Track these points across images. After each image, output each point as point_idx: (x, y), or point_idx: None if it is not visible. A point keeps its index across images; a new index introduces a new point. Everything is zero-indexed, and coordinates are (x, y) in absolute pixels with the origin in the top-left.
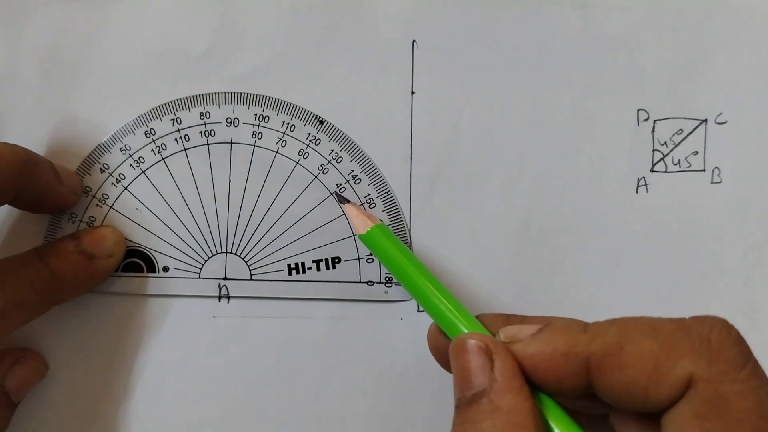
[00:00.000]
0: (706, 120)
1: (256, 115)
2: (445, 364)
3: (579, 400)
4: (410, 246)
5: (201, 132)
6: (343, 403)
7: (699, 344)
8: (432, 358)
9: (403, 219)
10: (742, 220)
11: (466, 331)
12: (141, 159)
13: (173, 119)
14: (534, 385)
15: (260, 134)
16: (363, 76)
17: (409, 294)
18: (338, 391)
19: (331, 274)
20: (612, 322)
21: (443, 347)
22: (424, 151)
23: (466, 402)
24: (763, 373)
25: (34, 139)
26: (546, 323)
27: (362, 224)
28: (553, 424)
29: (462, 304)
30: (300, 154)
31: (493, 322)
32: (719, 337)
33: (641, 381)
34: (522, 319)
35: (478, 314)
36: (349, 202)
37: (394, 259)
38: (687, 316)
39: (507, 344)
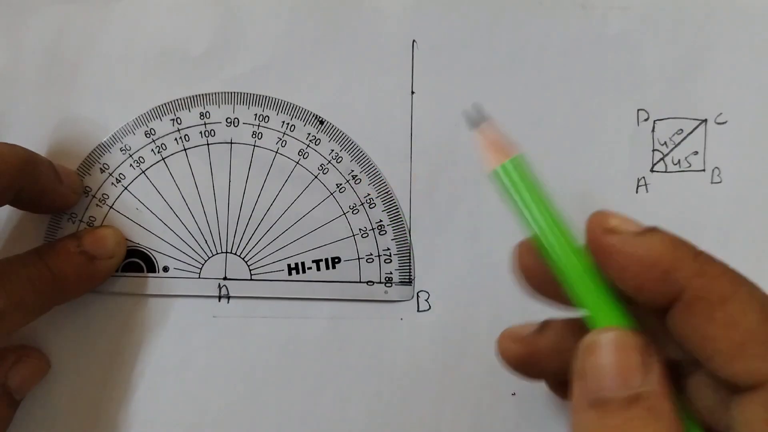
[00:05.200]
0: (706, 120)
1: (256, 115)
2: (536, 284)
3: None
4: (410, 245)
5: (201, 132)
6: (343, 403)
7: None
8: (431, 357)
9: (403, 219)
10: (743, 220)
11: (608, 325)
12: (141, 159)
13: (173, 119)
14: (605, 279)
15: (260, 134)
16: (363, 76)
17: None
18: (338, 391)
19: (331, 274)
20: (727, 270)
21: (539, 269)
22: (424, 151)
23: (617, 405)
24: None
25: (34, 139)
26: (653, 227)
27: (494, 158)
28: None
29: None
30: (300, 154)
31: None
32: None
33: (722, 348)
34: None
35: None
36: (479, 125)
37: (525, 211)
38: None
39: (603, 231)
